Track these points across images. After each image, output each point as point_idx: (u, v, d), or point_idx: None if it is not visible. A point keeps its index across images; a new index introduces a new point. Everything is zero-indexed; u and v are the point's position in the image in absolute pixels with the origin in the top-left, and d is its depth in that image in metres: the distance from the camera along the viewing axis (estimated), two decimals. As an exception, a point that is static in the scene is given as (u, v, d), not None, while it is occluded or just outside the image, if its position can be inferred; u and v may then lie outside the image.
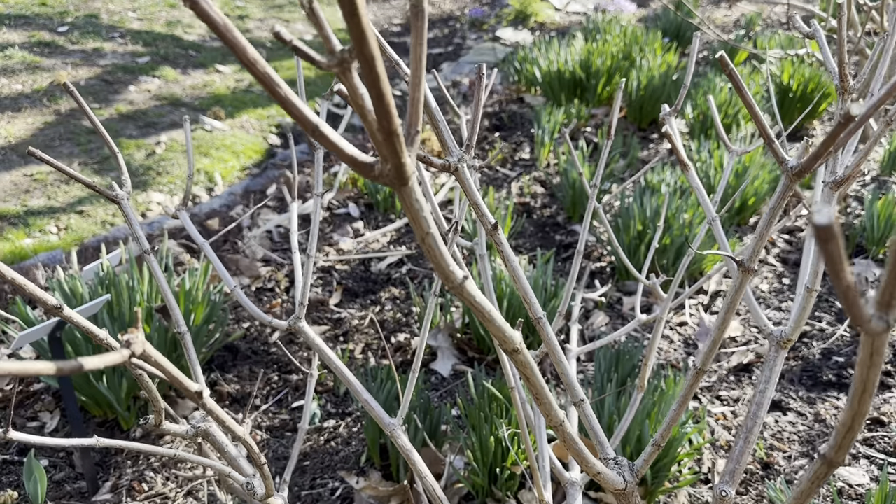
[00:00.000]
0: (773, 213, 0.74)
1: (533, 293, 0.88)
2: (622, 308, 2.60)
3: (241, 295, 1.19)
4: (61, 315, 0.75)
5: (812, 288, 1.05)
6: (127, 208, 1.07)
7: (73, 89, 1.10)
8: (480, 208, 0.87)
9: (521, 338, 0.67)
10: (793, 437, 2.04)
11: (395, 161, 0.52)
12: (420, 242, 0.60)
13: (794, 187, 0.70)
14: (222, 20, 0.50)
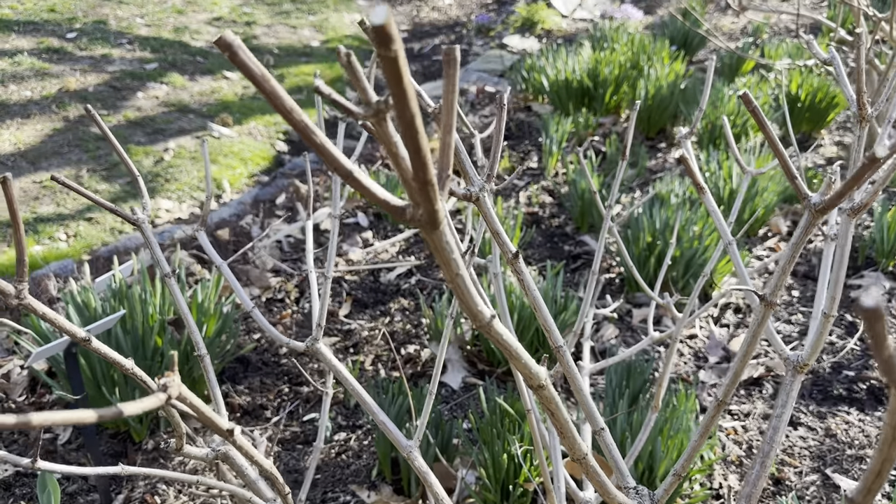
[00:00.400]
0: (795, 248, 0.75)
1: (552, 321, 0.88)
2: (632, 320, 2.60)
3: (259, 316, 1.20)
4: (90, 347, 0.76)
5: (829, 314, 1.05)
6: (148, 232, 1.08)
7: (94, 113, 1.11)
8: (501, 237, 0.88)
9: (546, 373, 0.68)
10: (804, 453, 2.04)
11: (428, 208, 0.53)
12: (449, 282, 0.61)
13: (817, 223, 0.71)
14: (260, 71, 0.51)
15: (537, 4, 7.06)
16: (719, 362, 2.39)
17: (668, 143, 4.15)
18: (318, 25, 8.42)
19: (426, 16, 9.18)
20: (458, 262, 0.59)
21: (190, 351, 2.12)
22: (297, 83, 6.77)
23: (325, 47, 7.77)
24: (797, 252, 0.75)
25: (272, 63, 7.08)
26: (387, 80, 0.44)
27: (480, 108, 4.85)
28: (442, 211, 0.55)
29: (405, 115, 0.45)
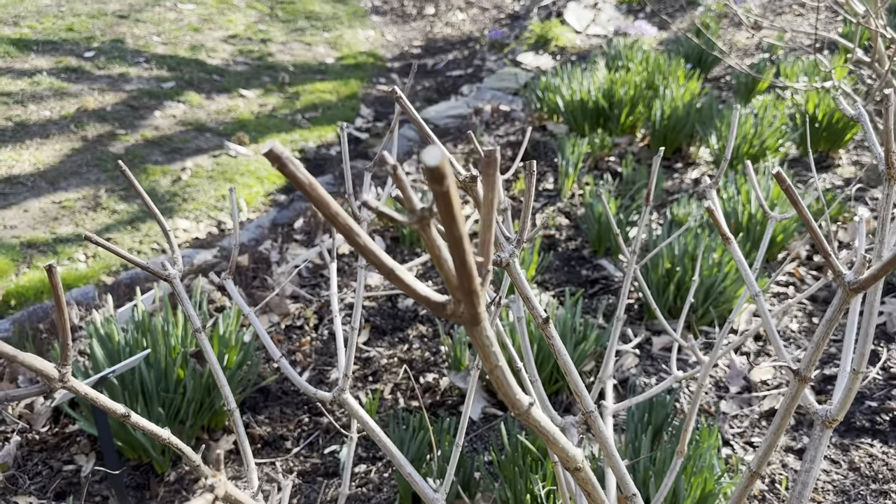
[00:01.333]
0: (829, 324, 0.75)
1: (582, 385, 0.89)
2: (651, 348, 2.59)
3: (287, 366, 1.21)
4: (129, 422, 0.77)
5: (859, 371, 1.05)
6: (179, 287, 1.09)
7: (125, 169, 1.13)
8: (531, 301, 0.89)
9: (582, 455, 0.68)
10: (827, 487, 2.02)
11: (471, 311, 0.54)
12: (489, 374, 0.61)
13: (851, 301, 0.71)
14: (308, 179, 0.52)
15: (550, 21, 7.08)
16: (740, 392, 2.38)
17: (685, 163, 4.14)
18: (332, 42, 8.48)
19: (439, 31, 9.22)
20: (498, 354, 0.60)
21: (212, 384, 2.13)
22: (313, 100, 6.82)
23: (340, 64, 7.82)
24: (831, 328, 0.75)
25: (287, 81, 7.13)
26: (438, 209, 0.45)
27: (495, 127, 4.87)
28: (483, 311, 0.56)
29: (454, 235, 0.46)
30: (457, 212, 0.44)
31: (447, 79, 7.49)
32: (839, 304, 0.73)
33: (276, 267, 3.13)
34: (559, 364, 0.89)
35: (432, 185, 0.42)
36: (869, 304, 1.06)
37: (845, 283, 0.71)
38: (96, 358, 2.04)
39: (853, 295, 0.71)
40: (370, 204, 0.51)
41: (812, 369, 0.78)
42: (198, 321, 1.08)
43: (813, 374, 0.79)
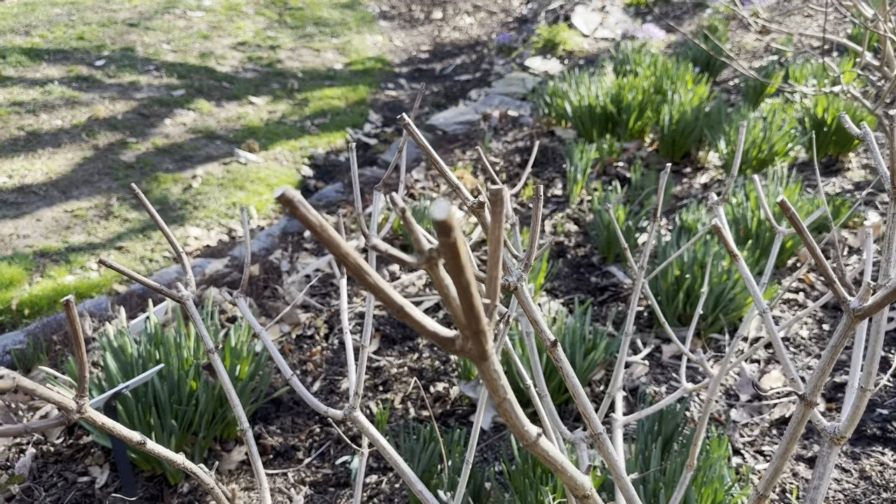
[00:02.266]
0: (834, 350, 0.75)
1: (591, 407, 0.90)
2: (661, 356, 2.60)
3: (299, 385, 1.22)
4: (146, 449, 0.78)
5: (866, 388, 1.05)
6: (192, 309, 1.11)
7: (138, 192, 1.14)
8: (540, 325, 0.90)
9: (590, 483, 0.69)
10: (838, 497, 2.02)
11: (478, 349, 0.55)
12: (497, 406, 0.62)
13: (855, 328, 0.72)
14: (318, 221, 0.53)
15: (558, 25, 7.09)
16: (750, 400, 2.38)
17: (694, 168, 4.13)
18: (340, 48, 8.51)
19: (447, 35, 9.24)
20: (506, 387, 0.61)
21: (223, 395, 2.15)
22: (322, 107, 6.85)
23: (349, 70, 7.86)
24: (836, 354, 0.76)
25: (296, 87, 7.17)
26: (446, 259, 0.46)
27: (503, 133, 4.87)
28: (490, 348, 0.57)
29: (461, 282, 0.47)
30: (464, 261, 0.46)
31: (455, 83, 7.51)
32: (844, 331, 0.74)
33: (286, 276, 3.15)
34: (567, 386, 0.90)
35: (440, 237, 0.43)
36: (875, 322, 1.06)
37: (850, 310, 0.72)
38: (109, 370, 2.06)
39: (857, 321, 0.72)
40: (379, 247, 0.52)
41: (818, 393, 0.79)
42: (210, 342, 1.10)
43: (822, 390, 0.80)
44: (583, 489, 0.68)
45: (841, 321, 0.75)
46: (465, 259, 0.46)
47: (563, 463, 0.66)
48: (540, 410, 1.22)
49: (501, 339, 1.15)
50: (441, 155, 4.48)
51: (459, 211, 4.06)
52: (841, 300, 0.73)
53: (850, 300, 0.72)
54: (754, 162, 3.78)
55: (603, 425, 2.20)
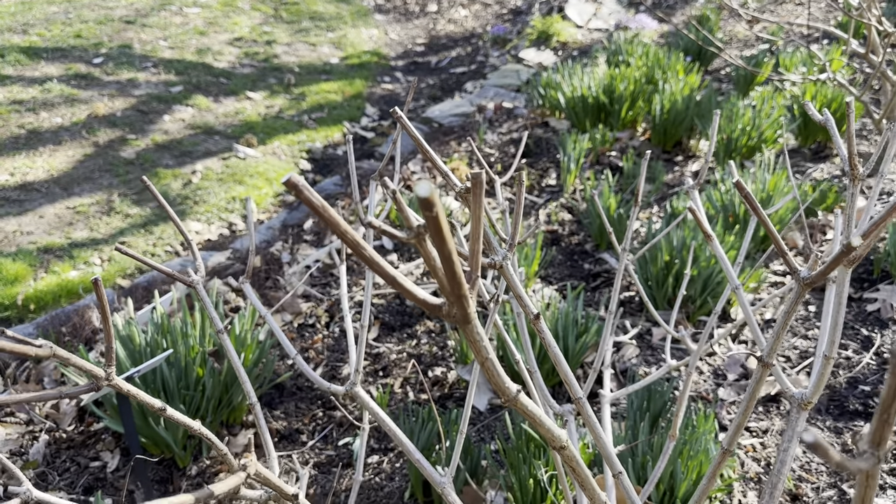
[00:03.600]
0: (787, 316, 0.83)
1: (572, 374, 0.98)
2: (651, 339, 2.68)
3: (302, 363, 1.30)
4: (165, 415, 0.86)
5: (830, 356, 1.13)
6: (202, 292, 1.18)
7: (149, 184, 1.22)
8: (524, 300, 0.97)
9: (566, 436, 0.77)
10: (821, 469, 2.10)
11: (462, 312, 0.63)
12: (481, 365, 0.70)
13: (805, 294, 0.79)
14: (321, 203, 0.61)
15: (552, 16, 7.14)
16: (738, 379, 2.46)
17: (685, 156, 4.21)
18: (336, 42, 8.56)
19: (442, 28, 9.29)
20: (488, 348, 0.69)
21: (229, 381, 2.24)
22: (319, 101, 6.91)
23: (345, 64, 7.91)
24: (789, 319, 0.84)
25: (293, 82, 7.23)
26: (430, 231, 0.53)
27: (498, 125, 4.95)
28: (473, 311, 0.65)
29: (444, 251, 0.55)
30: (445, 232, 0.53)
31: (451, 76, 7.57)
32: (795, 298, 0.82)
33: (287, 267, 3.23)
34: (549, 355, 0.98)
35: (424, 211, 0.51)
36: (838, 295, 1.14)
37: (800, 279, 0.80)
38: (119, 359, 2.14)
39: (806, 288, 0.80)
40: (373, 224, 0.60)
41: (774, 356, 0.86)
42: (220, 323, 1.18)
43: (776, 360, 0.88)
44: (559, 441, 0.76)
45: (793, 290, 0.83)
46: (446, 231, 0.53)
47: (540, 416, 0.74)
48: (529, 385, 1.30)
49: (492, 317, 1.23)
50: (436, 147, 4.55)
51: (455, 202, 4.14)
52: (792, 270, 0.80)
53: (801, 269, 0.80)
54: (744, 149, 3.85)
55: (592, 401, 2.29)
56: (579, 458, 0.79)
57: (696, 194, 1.28)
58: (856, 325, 2.69)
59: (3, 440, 2.28)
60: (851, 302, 2.84)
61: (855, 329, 2.67)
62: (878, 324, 2.68)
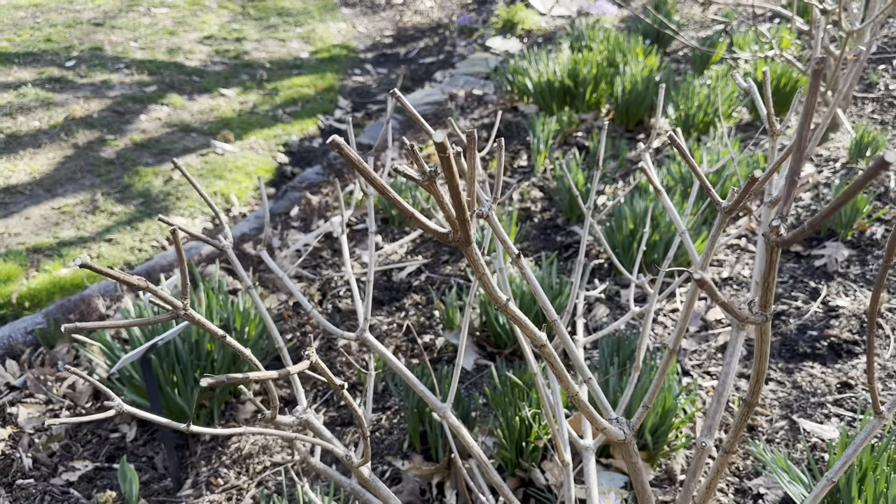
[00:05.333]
0: (713, 240, 1.06)
1: (548, 301, 1.19)
2: (620, 300, 2.92)
3: (318, 315, 1.51)
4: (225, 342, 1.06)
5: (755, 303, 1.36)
6: (232, 256, 1.38)
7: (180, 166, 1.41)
8: (507, 244, 1.19)
9: (545, 336, 0.99)
10: (774, 403, 2.36)
11: (464, 235, 0.84)
12: (478, 279, 0.92)
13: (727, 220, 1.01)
14: (356, 157, 0.82)
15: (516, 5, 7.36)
16: (698, 331, 2.72)
17: (647, 133, 4.46)
18: (305, 37, 8.70)
19: (409, 20, 9.46)
20: (484, 266, 0.90)
21: (236, 355, 2.43)
22: (292, 95, 7.05)
23: (315, 58, 8.06)
24: (714, 243, 1.06)
25: (265, 77, 7.36)
26: (443, 168, 0.74)
27: (470, 111, 5.16)
28: (472, 235, 0.86)
29: (452, 183, 0.76)
30: (454, 169, 0.74)
31: (420, 66, 7.75)
32: (719, 224, 1.05)
33: (278, 252, 3.41)
34: (531, 288, 1.20)
35: (439, 153, 0.72)
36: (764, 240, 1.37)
37: (722, 209, 1.03)
38: (134, 336, 2.32)
39: (727, 216, 1.02)
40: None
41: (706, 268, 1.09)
42: (248, 280, 1.37)
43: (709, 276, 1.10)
44: (540, 340, 0.98)
45: (717, 218, 1.05)
46: (455, 168, 0.74)
47: (524, 321, 0.96)
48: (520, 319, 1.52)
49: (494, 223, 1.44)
50: (412, 134, 4.75)
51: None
52: (715, 203, 1.03)
53: (722, 202, 1.03)
54: (700, 125, 4.11)
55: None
56: (556, 355, 1.01)
57: (647, 155, 1.50)
58: (804, 278, 2.96)
59: (26, 418, 2.46)
60: (801, 258, 3.10)
61: (804, 282, 2.93)
62: (824, 276, 2.95)
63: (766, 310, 0.77)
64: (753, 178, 0.91)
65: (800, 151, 0.66)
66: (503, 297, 0.93)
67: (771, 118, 1.29)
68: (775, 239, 0.69)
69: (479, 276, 0.90)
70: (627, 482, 2.04)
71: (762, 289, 0.76)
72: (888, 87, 4.66)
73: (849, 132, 4.04)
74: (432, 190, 0.83)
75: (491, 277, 0.92)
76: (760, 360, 0.86)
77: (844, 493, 1.79)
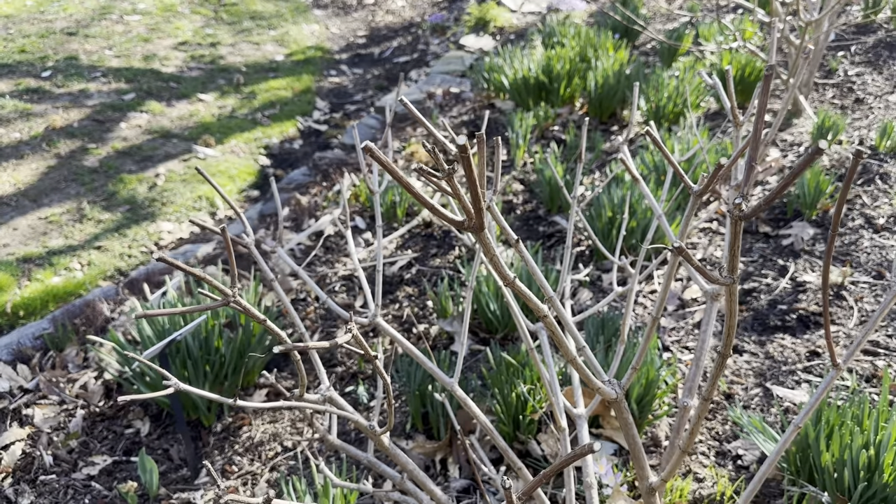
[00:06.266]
0: (687, 219, 1.21)
1: (545, 281, 1.35)
2: (602, 284, 3.09)
3: (331, 302, 1.65)
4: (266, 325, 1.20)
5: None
6: (255, 252, 1.51)
7: (203, 171, 1.54)
8: (507, 230, 1.34)
9: (546, 308, 1.14)
10: (748, 373, 2.54)
11: (479, 221, 0.99)
12: (489, 262, 1.06)
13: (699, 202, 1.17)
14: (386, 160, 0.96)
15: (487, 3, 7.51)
16: (676, 310, 2.89)
17: (620, 125, 4.64)
18: (279, 39, 8.77)
19: (381, 20, 9.57)
20: (494, 248, 1.05)
21: (242, 350, 2.56)
22: (270, 98, 7.14)
23: (290, 61, 8.14)
24: (689, 222, 1.22)
25: (242, 81, 7.44)
26: (462, 165, 0.89)
27: (448, 109, 5.30)
28: (486, 223, 1.01)
29: (471, 178, 0.91)
30: (473, 167, 0.89)
31: (395, 65, 7.88)
32: (691, 206, 1.20)
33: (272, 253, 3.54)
34: (528, 268, 1.35)
35: (461, 153, 0.86)
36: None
37: (694, 192, 1.18)
38: (146, 334, 2.44)
39: (698, 199, 1.18)
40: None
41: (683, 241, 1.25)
42: (270, 274, 1.51)
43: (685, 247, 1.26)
44: (543, 311, 1.13)
45: (690, 202, 1.21)
46: (473, 166, 0.89)
47: (529, 294, 1.11)
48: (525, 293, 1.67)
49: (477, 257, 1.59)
50: (395, 133, 4.89)
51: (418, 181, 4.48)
52: (688, 188, 1.19)
53: (693, 186, 1.19)
54: (670, 115, 4.29)
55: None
56: (555, 324, 1.16)
57: (625, 147, 1.66)
58: (773, 257, 3.15)
59: (43, 419, 2.56)
60: (769, 238, 3.30)
61: (773, 260, 3.12)
62: (791, 254, 3.14)
63: (733, 273, 0.93)
64: (720, 165, 1.07)
65: (755, 142, 0.82)
66: (511, 274, 1.08)
67: (734, 111, 1.45)
68: (737, 213, 0.85)
69: (490, 257, 1.05)
70: (616, 449, 2.20)
71: (729, 256, 0.92)
72: (847, 73, 4.89)
73: (811, 117, 4.25)
74: (450, 183, 0.98)
75: (502, 260, 1.06)
76: (731, 317, 1.02)
77: (814, 447, 1.97)
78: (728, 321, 1.02)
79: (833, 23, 4.32)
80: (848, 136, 4.03)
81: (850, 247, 3.09)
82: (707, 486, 2.10)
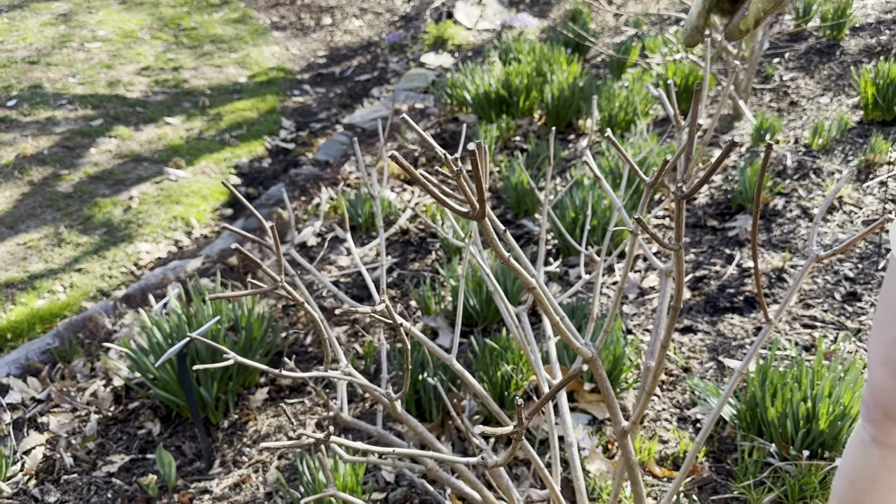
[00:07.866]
0: (643, 207, 1.49)
1: (530, 263, 1.61)
2: (569, 278, 3.38)
3: (342, 294, 1.89)
4: (304, 307, 1.44)
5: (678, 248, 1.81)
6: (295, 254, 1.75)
7: (231, 188, 1.78)
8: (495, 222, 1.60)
9: (535, 281, 1.40)
10: (703, 349, 2.85)
11: (482, 211, 1.25)
12: (493, 248, 1.33)
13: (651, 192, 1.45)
14: (407, 164, 1.23)
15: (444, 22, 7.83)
16: (636, 297, 3.20)
17: (576, 134, 4.97)
18: (241, 62, 8.96)
19: (340, 39, 9.83)
20: (493, 233, 1.31)
21: (246, 350, 2.77)
22: (236, 119, 7.33)
23: (254, 82, 8.34)
24: (645, 205, 1.50)
25: (208, 104, 7.61)
26: (472, 166, 1.15)
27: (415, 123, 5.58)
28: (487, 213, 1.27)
29: (478, 175, 1.17)
30: (482, 166, 1.15)
31: (357, 84, 8.14)
32: (645, 196, 1.49)
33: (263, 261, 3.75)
34: (514, 254, 1.61)
35: (471, 156, 1.12)
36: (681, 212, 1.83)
37: (647, 185, 1.47)
38: (154, 342, 2.64)
39: (650, 189, 1.47)
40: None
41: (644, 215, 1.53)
42: (280, 276, 1.75)
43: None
44: (531, 283, 1.40)
45: (644, 192, 1.49)
46: (482, 165, 1.15)
47: (520, 269, 1.37)
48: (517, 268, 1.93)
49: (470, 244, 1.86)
50: (364, 148, 5.14)
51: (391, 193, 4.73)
52: (642, 181, 1.47)
53: (647, 179, 1.47)
54: (622, 123, 4.64)
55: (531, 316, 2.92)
56: (543, 296, 1.43)
57: (588, 153, 1.94)
58: (720, 247, 3.48)
59: (58, 425, 2.73)
60: (716, 231, 3.63)
61: (720, 250, 3.46)
62: (737, 244, 3.48)
63: (679, 241, 1.21)
64: (666, 161, 1.35)
65: (690, 140, 1.10)
66: (507, 253, 1.34)
67: (677, 118, 1.75)
68: (679, 195, 1.13)
69: (490, 240, 1.31)
70: (590, 419, 2.48)
71: (676, 229, 1.20)
72: (782, 78, 5.31)
73: (750, 120, 4.63)
74: (459, 181, 1.24)
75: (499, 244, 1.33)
76: (679, 277, 1.30)
77: (761, 405, 2.27)
78: (678, 280, 1.30)
79: (767, 32, 4.72)
80: (784, 136, 4.41)
81: (789, 235, 3.44)
82: (671, 447, 2.39)
